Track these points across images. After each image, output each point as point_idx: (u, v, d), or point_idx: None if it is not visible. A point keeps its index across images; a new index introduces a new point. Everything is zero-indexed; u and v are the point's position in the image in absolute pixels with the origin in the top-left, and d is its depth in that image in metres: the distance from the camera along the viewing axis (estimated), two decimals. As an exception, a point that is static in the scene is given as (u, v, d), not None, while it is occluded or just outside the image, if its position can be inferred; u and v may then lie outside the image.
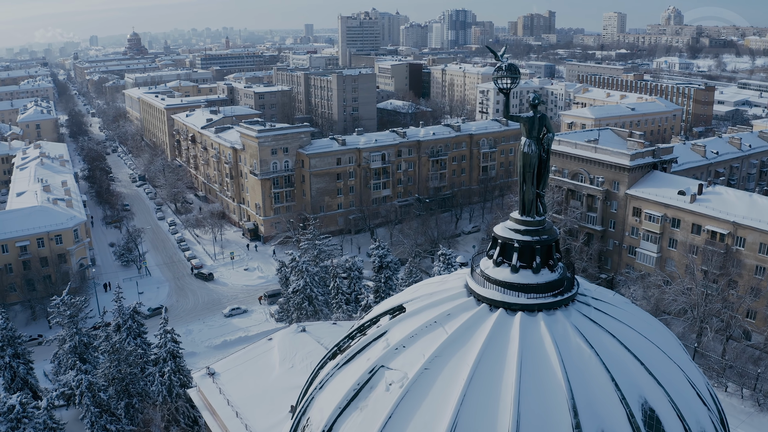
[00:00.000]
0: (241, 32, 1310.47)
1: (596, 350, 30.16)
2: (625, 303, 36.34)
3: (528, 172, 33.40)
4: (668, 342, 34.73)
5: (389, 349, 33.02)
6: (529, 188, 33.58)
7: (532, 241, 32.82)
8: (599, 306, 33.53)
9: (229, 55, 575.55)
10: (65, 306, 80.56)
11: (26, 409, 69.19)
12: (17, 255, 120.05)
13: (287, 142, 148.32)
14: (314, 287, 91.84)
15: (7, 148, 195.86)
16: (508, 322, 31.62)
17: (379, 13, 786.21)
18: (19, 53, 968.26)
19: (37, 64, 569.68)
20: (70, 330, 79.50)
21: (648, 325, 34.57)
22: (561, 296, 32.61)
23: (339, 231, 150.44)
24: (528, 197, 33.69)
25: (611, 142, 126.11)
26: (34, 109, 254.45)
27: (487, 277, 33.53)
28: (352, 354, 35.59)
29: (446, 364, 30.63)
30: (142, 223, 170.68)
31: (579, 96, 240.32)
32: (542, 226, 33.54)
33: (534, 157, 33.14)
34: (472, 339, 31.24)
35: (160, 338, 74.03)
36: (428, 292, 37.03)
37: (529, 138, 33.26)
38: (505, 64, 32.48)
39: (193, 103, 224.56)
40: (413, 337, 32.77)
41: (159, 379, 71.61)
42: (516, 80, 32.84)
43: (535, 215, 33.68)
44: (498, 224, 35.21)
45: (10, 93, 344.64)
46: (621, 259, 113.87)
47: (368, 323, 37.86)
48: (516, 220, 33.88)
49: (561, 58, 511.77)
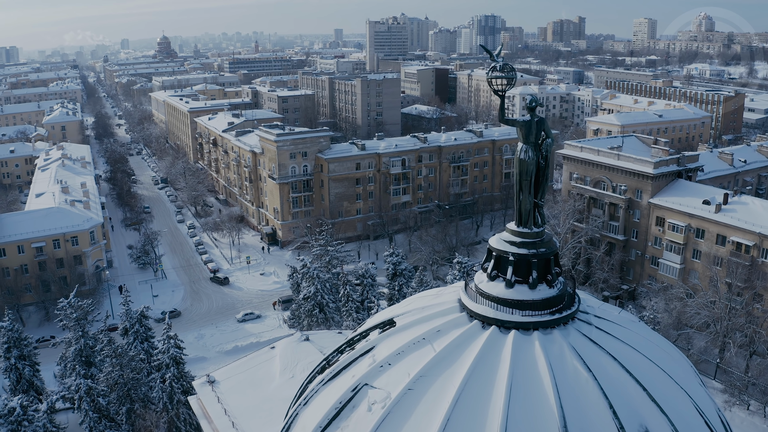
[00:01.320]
0: (271, 37, 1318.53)
1: (594, 373, 27.97)
2: (632, 322, 33.97)
3: (525, 180, 31.24)
4: (677, 365, 32.36)
5: (374, 366, 31.18)
6: (526, 197, 31.43)
7: (529, 255, 30.70)
8: (601, 325, 31.30)
9: (257, 59, 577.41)
10: (72, 308, 79.69)
11: (27, 411, 68.38)
12: (33, 256, 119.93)
13: (306, 146, 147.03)
14: (325, 294, 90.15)
15: (31, 149, 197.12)
16: (500, 341, 29.54)
17: (408, 19, 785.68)
18: (51, 55, 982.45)
19: (67, 67, 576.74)
20: (76, 333, 78.58)
21: (655, 346, 32.16)
22: (559, 314, 30.47)
23: (357, 237, 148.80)
24: (525, 207, 31.55)
25: (635, 150, 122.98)
26: (60, 110, 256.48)
27: (481, 291, 31.48)
28: (337, 370, 33.80)
29: (431, 384, 28.65)
30: (161, 225, 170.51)
31: (606, 102, 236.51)
32: (540, 239, 31.41)
33: (531, 165, 30.96)
34: (461, 358, 29.21)
35: (164, 344, 72.64)
36: (420, 306, 35.06)
37: (526, 144, 31.06)
38: (499, 64, 30.35)
39: (217, 107, 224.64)
40: (399, 354, 30.87)
41: (160, 386, 70.28)
42: (512, 81, 30.70)
43: (532, 226, 31.56)
44: (494, 236, 33.22)
45: (38, 95, 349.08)
46: (643, 269, 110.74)
47: (358, 337, 36.07)
48: (512, 232, 31.76)
49: (590, 64, 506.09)
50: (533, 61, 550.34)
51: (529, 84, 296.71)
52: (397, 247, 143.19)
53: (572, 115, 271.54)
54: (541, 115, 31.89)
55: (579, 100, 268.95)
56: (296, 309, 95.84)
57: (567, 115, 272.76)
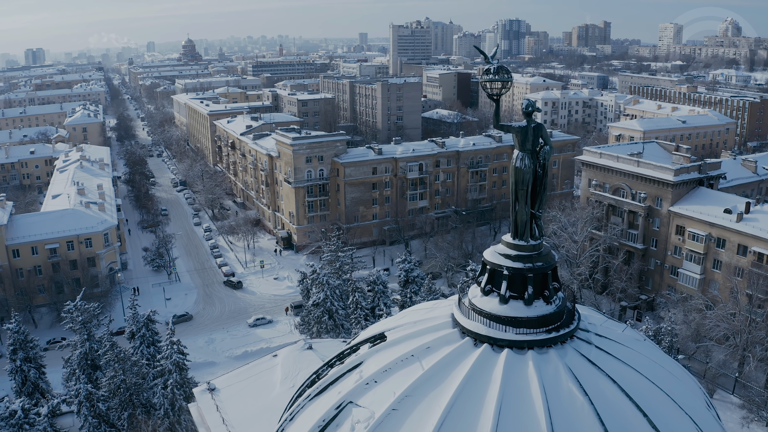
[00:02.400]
0: (296, 40, 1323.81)
1: (590, 397, 26.27)
2: (636, 341, 32.09)
3: (521, 190, 29.54)
4: (683, 388, 30.43)
5: (360, 383, 29.74)
6: (523, 208, 29.73)
7: (524, 269, 29.03)
8: (602, 344, 29.52)
9: (281, 62, 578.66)
10: (78, 311, 79.07)
11: (28, 415, 67.89)
12: (47, 257, 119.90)
13: (322, 150, 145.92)
14: (335, 301, 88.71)
15: (51, 150, 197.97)
16: (491, 361, 27.92)
17: (432, 23, 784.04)
18: (77, 57, 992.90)
19: (92, 69, 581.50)
20: (82, 336, 77.93)
21: (660, 367, 30.24)
22: (556, 332, 28.81)
23: (372, 242, 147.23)
24: (521, 218, 29.85)
25: (656, 156, 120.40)
26: (82, 112, 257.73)
27: (474, 307, 29.86)
28: (324, 385, 32.43)
29: (416, 405, 27.11)
30: (178, 228, 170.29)
31: (629, 108, 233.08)
32: (537, 252, 29.72)
33: (528, 173, 29.25)
34: (449, 378, 27.62)
35: (166, 349, 71.62)
36: (413, 320, 33.51)
37: (522, 151, 29.36)
38: (494, 67, 28.67)
39: (236, 110, 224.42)
40: (386, 372, 29.38)
41: (161, 392, 69.25)
42: (507, 85, 29.01)
43: (529, 239, 29.87)
44: (489, 248, 31.56)
45: (62, 96, 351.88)
46: (663, 279, 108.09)
47: (348, 350, 34.68)
48: (507, 244, 30.08)
49: (615, 69, 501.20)
50: (557, 66, 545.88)
51: (551, 89, 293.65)
52: (413, 253, 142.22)
53: (595, 120, 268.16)
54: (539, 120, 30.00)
55: (602, 105, 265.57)
56: (306, 315, 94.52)
57: (590, 120, 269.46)
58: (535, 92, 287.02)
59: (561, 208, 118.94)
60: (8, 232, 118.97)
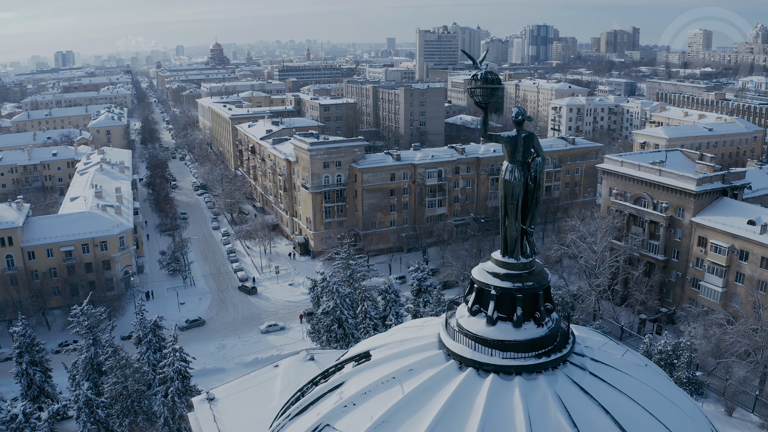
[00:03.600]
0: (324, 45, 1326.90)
1: (579, 429, 24.43)
2: (636, 366, 30.02)
3: (511, 204, 27.67)
4: (685, 420, 28.39)
5: (339, 404, 28.23)
6: (512, 224, 27.87)
7: (513, 289, 27.23)
8: (598, 370, 27.61)
9: (307, 67, 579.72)
10: (84, 316, 78.40)
11: (29, 419, 67.27)
12: (62, 259, 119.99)
13: (340, 156, 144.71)
14: (345, 309, 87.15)
15: (73, 152, 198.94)
16: (474, 386, 26.18)
17: (459, 28, 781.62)
18: (107, 60, 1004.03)
19: (120, 72, 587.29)
20: (87, 341, 77.26)
21: (661, 397, 28.17)
22: (547, 357, 26.96)
23: (389, 249, 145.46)
24: (511, 234, 28.00)
25: (679, 165, 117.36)
26: (106, 115, 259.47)
27: (460, 327, 28.15)
28: (305, 405, 31.05)
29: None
30: (196, 232, 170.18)
31: (655, 114, 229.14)
32: (528, 271, 27.91)
33: (518, 186, 27.37)
34: (429, 404, 25.92)
35: (168, 356, 70.56)
36: (399, 339, 31.87)
37: (512, 163, 27.50)
38: (481, 72, 26.90)
39: (258, 114, 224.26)
40: (366, 394, 27.80)
41: (161, 400, 68.18)
42: (496, 92, 27.21)
43: (519, 256, 28.06)
44: (477, 265, 29.79)
45: (89, 99, 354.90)
46: (684, 292, 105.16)
47: (333, 368, 33.22)
48: (496, 262, 28.33)
49: (643, 75, 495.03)
50: (585, 72, 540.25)
51: (576, 95, 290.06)
52: (430, 260, 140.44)
53: (620, 127, 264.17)
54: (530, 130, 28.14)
55: (627, 112, 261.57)
56: (316, 323, 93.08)
57: (615, 127, 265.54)
58: (560, 98, 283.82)
59: (581, 218, 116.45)
60: (24, 234, 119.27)
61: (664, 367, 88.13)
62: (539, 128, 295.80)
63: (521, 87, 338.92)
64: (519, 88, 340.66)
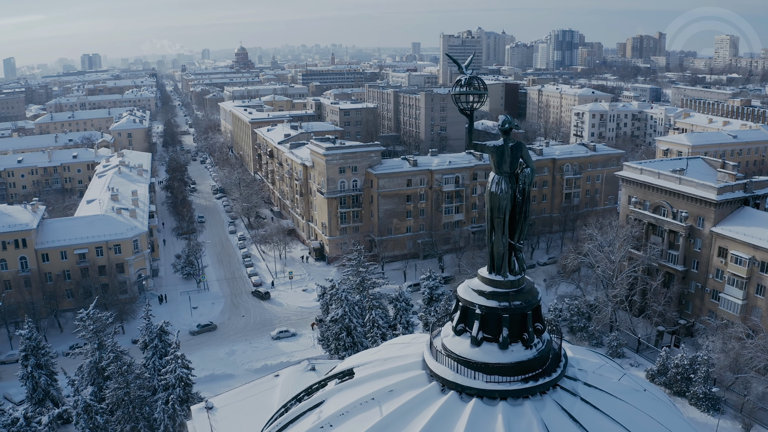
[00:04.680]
0: (349, 49, 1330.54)
1: (564, 460, 22.88)
2: (634, 392, 28.28)
3: (497, 218, 26.15)
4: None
5: (316, 425, 27.00)
6: (499, 239, 26.33)
7: (499, 308, 25.72)
8: (590, 396, 26.02)
9: (330, 71, 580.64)
10: (90, 320, 77.81)
11: (30, 423, 66.81)
12: (75, 262, 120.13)
13: (356, 161, 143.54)
14: (353, 317, 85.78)
15: (93, 155, 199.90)
16: (455, 411, 24.72)
17: (484, 33, 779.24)
18: (133, 63, 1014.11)
19: (145, 75, 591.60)
20: (92, 345, 76.67)
21: (657, 425, 26.41)
22: (534, 381, 25.44)
23: (404, 256, 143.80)
24: (498, 250, 26.47)
25: (701, 173, 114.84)
26: (128, 118, 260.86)
27: (444, 347, 26.73)
28: (286, 422, 29.86)
29: (366, 459, 24.09)
30: (213, 235, 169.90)
31: (679, 121, 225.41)
32: (515, 289, 26.36)
33: (505, 199, 25.86)
34: (406, 429, 24.49)
35: (170, 363, 69.67)
36: (384, 357, 30.51)
37: (498, 174, 26.04)
38: (465, 78, 25.46)
39: (278, 118, 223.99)
40: (344, 415, 26.51)
41: (162, 407, 67.27)
42: (482, 98, 25.77)
43: (507, 273, 26.53)
44: (463, 282, 28.30)
45: (113, 101, 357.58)
46: (703, 304, 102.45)
47: (317, 385, 31.96)
48: (483, 279, 26.82)
49: (669, 81, 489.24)
50: (610, 78, 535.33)
51: (600, 101, 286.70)
52: (446, 268, 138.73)
53: (644, 133, 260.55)
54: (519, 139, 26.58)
55: (651, 118, 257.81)
56: (325, 331, 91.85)
57: (639, 133, 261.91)
58: (583, 104, 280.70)
59: (598, 226, 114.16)
60: (38, 236, 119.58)
61: (680, 381, 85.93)
62: (562, 134, 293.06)
63: (544, 92, 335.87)
64: (542, 93, 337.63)
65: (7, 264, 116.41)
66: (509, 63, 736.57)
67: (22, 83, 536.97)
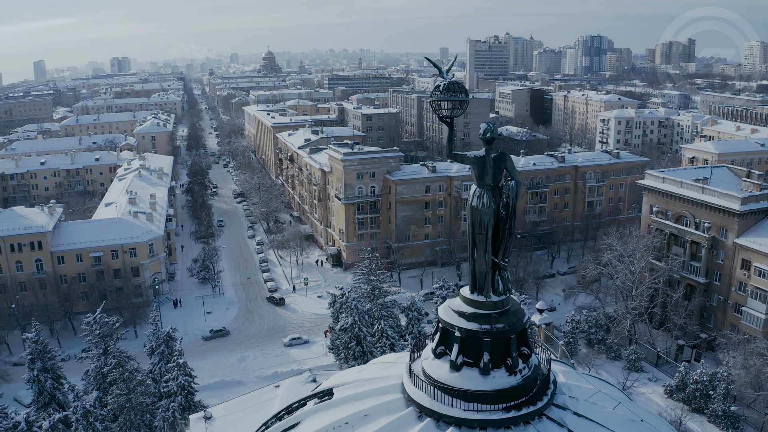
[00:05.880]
0: (377, 54, 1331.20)
1: (543, 497, 21.25)
2: (629, 422, 26.30)
3: (479, 235, 24.49)
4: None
5: (288, 450, 25.48)
6: (481, 257, 24.67)
7: (480, 332, 24.06)
8: (579, 427, 24.27)
9: (356, 76, 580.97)
10: (97, 324, 77.24)
11: (32, 427, 66.21)
12: (90, 265, 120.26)
13: (374, 167, 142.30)
14: (363, 327, 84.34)
15: (115, 158, 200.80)
16: (429, 441, 23.14)
17: (512, 38, 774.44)
18: (162, 67, 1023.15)
19: (173, 79, 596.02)
20: (98, 350, 76.08)
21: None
22: (517, 410, 23.73)
23: (421, 263, 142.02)
24: (480, 269, 24.82)
25: (725, 182, 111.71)
26: (152, 121, 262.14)
27: (423, 371, 25.18)
28: (261, 445, 28.42)
29: (332, 492, 22.64)
30: (232, 240, 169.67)
31: (706, 128, 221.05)
32: (498, 310, 24.66)
33: (487, 214, 24.16)
34: (377, 459, 23.02)
35: (173, 370, 68.74)
36: (366, 377, 29.01)
37: (480, 187, 24.35)
38: (443, 84, 23.86)
39: (299, 123, 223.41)
40: (316, 441, 24.99)
41: (162, 415, 66.34)
42: (463, 105, 24.14)
43: (490, 294, 24.88)
44: (445, 302, 26.72)
45: (139, 105, 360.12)
46: (725, 317, 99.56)
47: (296, 404, 30.56)
48: (464, 299, 25.21)
49: (698, 87, 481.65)
50: (639, 84, 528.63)
51: (626, 107, 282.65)
52: (463, 275, 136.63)
53: (671, 141, 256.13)
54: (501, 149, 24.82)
55: (678, 125, 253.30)
56: (335, 339, 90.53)
57: (665, 141, 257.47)
58: (609, 110, 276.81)
59: (618, 236, 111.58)
60: (54, 239, 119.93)
61: (699, 398, 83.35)
62: (587, 141, 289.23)
63: (570, 98, 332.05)
64: (567, 99, 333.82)
65: (23, 266, 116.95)
66: (537, 68, 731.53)
67: (51, 86, 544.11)
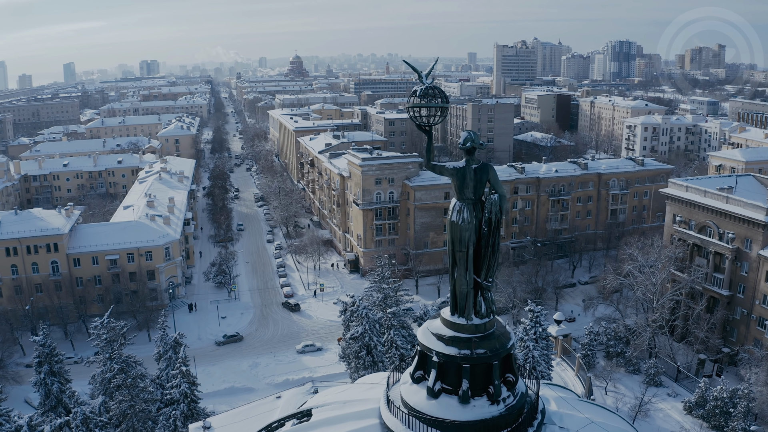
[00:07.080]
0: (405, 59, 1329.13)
1: None
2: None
3: (459, 252, 22.85)
4: None
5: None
6: (462, 276, 23.09)
7: (458, 357, 22.51)
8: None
9: (383, 80, 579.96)
10: (104, 329, 76.50)
11: (35, 430, 65.59)
12: (106, 268, 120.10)
13: (393, 172, 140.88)
14: (374, 336, 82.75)
15: (138, 160, 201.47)
16: (401, 474, 21.62)
17: (540, 43, 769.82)
18: (191, 70, 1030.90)
19: (201, 82, 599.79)
20: (104, 355, 75.36)
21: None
22: (497, 441, 22.12)
23: (438, 271, 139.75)
24: (460, 289, 23.26)
25: (751, 192, 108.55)
26: (176, 124, 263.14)
27: (401, 396, 23.66)
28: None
29: None
30: (251, 244, 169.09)
31: (734, 136, 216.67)
32: (480, 334, 23.10)
33: (467, 230, 22.49)
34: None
35: (176, 377, 67.73)
36: (346, 399, 27.59)
37: (460, 201, 22.73)
38: (420, 89, 22.33)
39: (321, 127, 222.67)
40: (286, 469, 23.60)
41: (163, 422, 65.31)
42: (442, 112, 22.54)
43: (471, 316, 23.32)
44: (424, 323, 25.18)
45: (165, 107, 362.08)
46: (749, 331, 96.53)
47: (276, 424, 29.34)
48: (444, 321, 23.69)
49: (728, 94, 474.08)
50: (668, 90, 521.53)
51: (653, 113, 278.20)
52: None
53: (698, 148, 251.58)
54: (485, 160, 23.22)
55: (706, 132, 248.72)
56: (346, 348, 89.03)
57: (692, 148, 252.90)
58: (636, 116, 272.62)
59: (639, 246, 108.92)
60: (71, 241, 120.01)
61: (719, 415, 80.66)
62: (613, 147, 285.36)
63: (596, 104, 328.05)
64: (594, 105, 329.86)
65: (39, 267, 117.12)
66: (565, 74, 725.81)
67: (79, 88, 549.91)
